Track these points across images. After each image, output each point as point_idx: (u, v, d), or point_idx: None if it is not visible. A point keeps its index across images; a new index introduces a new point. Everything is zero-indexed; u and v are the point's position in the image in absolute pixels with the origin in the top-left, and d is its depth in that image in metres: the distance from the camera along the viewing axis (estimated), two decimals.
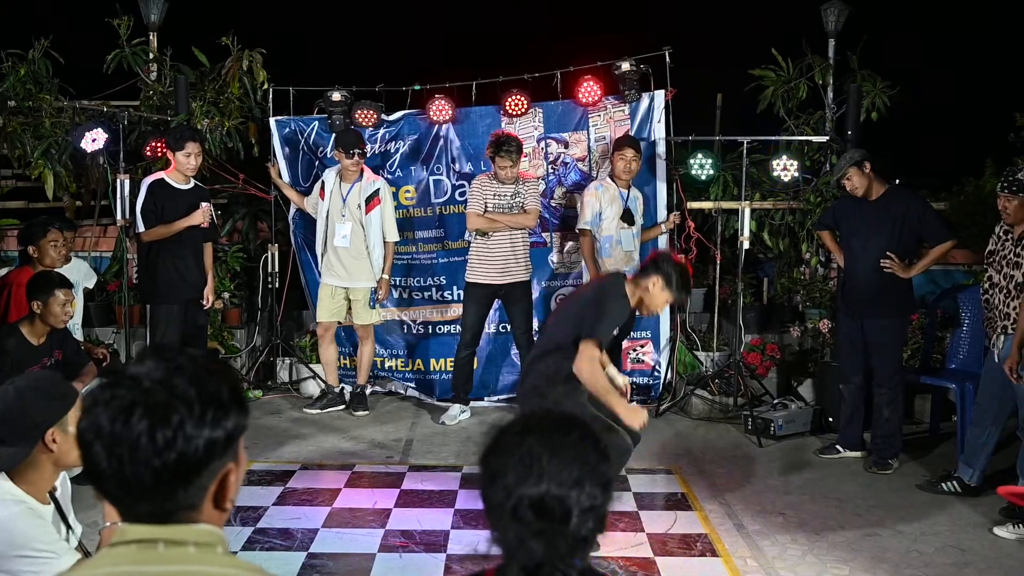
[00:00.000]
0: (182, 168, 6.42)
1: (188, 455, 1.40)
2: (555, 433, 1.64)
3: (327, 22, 12.07)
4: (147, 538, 1.43)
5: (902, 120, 8.45)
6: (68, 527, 2.94)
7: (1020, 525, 4.82)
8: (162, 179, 6.45)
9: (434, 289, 7.76)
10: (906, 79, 7.86)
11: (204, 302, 6.66)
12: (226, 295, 7.83)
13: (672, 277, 4.54)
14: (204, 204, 6.49)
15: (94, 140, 6.56)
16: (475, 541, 4.27)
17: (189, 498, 1.44)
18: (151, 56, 7.94)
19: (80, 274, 6.28)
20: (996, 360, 5.21)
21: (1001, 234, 5.31)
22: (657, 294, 4.56)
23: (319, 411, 7.20)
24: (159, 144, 7.04)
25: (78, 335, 6.13)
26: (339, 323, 7.33)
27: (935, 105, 11.36)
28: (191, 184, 6.54)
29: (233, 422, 1.47)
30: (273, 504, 5.20)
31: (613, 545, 4.63)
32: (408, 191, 7.72)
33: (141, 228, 6.43)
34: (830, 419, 6.73)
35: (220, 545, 1.48)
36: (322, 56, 10.82)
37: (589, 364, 4.31)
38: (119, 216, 6.67)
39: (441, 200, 7.71)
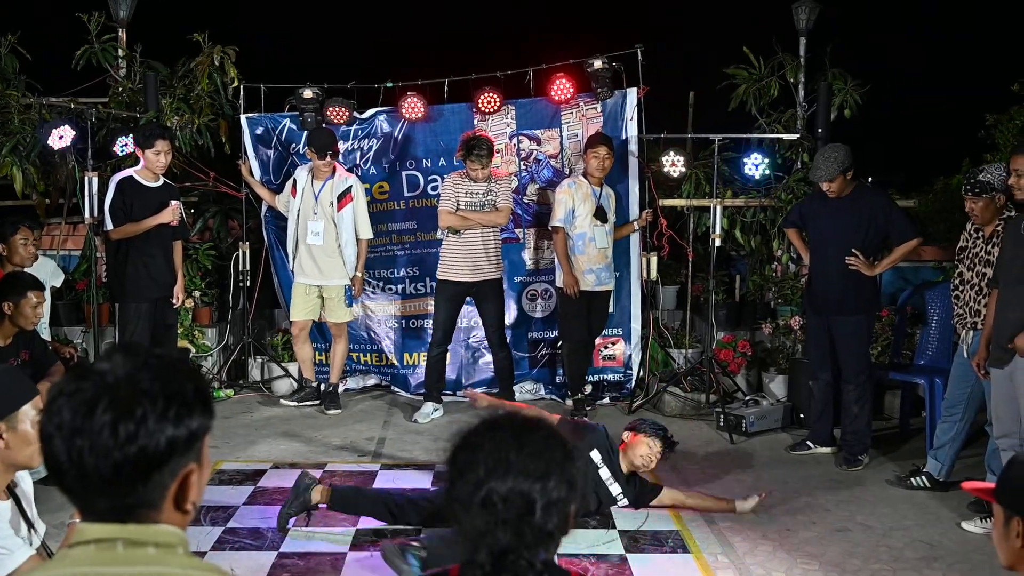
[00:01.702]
0: (152, 166, 6.36)
1: (149, 450, 1.39)
2: (523, 430, 1.68)
3: (299, 19, 12.02)
4: (106, 538, 1.41)
5: (876, 118, 8.52)
6: (30, 526, 2.90)
7: (987, 519, 4.86)
8: (131, 176, 6.39)
9: (408, 281, 7.76)
10: (882, 77, 7.92)
11: (174, 301, 6.61)
12: (197, 294, 7.76)
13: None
14: (173, 202, 6.44)
15: (61, 137, 6.50)
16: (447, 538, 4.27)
17: (149, 495, 1.42)
18: (121, 52, 7.87)
19: (47, 273, 6.21)
20: (965, 356, 5.26)
21: (972, 232, 5.35)
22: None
23: (296, 403, 7.22)
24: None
25: (46, 334, 6.07)
26: (313, 321, 7.31)
27: (910, 103, 11.46)
28: (160, 182, 6.48)
29: (197, 422, 1.46)
30: (244, 503, 5.16)
31: (584, 543, 4.64)
32: (382, 187, 7.71)
33: (110, 226, 6.36)
34: (801, 415, 6.77)
35: (181, 546, 1.45)
36: (294, 53, 10.78)
37: None
38: (87, 214, 6.61)
39: (413, 194, 7.70)
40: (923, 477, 5.49)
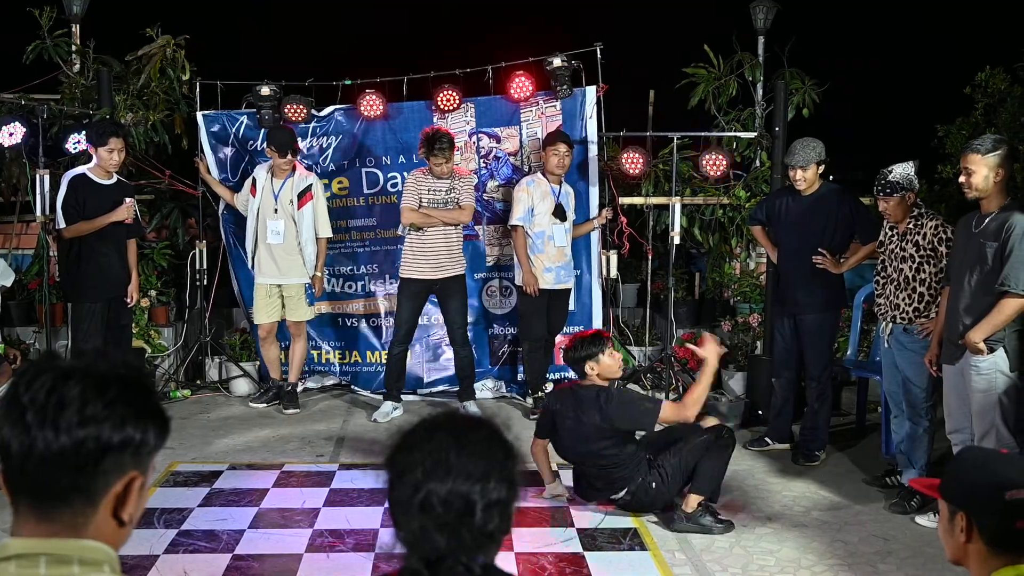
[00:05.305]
0: (105, 164, 6.27)
1: (103, 436, 1.36)
2: (463, 430, 1.65)
3: (256, 15, 11.91)
4: (28, 553, 1.37)
5: (835, 118, 8.58)
6: None
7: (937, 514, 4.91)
8: (84, 174, 6.29)
9: (367, 278, 7.71)
10: (844, 78, 7.99)
11: (128, 300, 6.52)
12: (153, 293, 7.67)
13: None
14: (128, 200, 6.35)
15: (11, 134, 6.39)
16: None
17: (90, 486, 1.38)
18: (73, 48, 7.74)
19: None
20: (886, 346, 5.35)
21: (888, 229, 5.44)
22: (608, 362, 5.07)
23: (265, 405, 7.17)
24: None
25: None
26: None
27: (870, 104, 11.58)
28: (114, 179, 6.39)
29: (153, 436, 1.43)
30: (199, 505, 5.09)
31: (542, 541, 4.63)
32: (341, 182, 7.65)
33: (62, 224, 6.26)
34: (759, 412, 6.81)
35: (108, 564, 1.40)
36: (251, 50, 10.68)
37: None
38: (39, 212, 6.50)
39: (373, 191, 7.65)
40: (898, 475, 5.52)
